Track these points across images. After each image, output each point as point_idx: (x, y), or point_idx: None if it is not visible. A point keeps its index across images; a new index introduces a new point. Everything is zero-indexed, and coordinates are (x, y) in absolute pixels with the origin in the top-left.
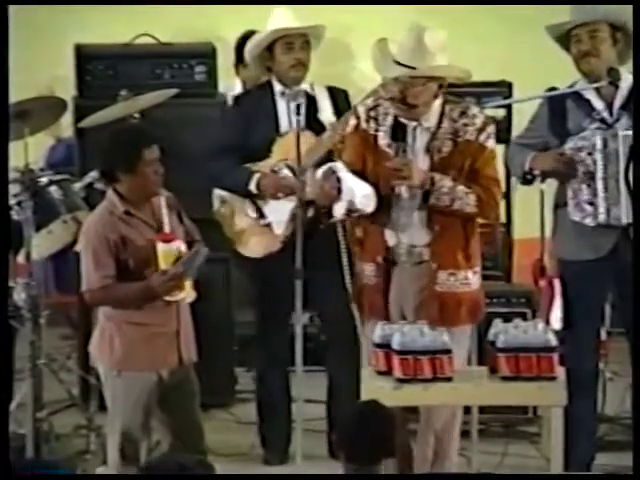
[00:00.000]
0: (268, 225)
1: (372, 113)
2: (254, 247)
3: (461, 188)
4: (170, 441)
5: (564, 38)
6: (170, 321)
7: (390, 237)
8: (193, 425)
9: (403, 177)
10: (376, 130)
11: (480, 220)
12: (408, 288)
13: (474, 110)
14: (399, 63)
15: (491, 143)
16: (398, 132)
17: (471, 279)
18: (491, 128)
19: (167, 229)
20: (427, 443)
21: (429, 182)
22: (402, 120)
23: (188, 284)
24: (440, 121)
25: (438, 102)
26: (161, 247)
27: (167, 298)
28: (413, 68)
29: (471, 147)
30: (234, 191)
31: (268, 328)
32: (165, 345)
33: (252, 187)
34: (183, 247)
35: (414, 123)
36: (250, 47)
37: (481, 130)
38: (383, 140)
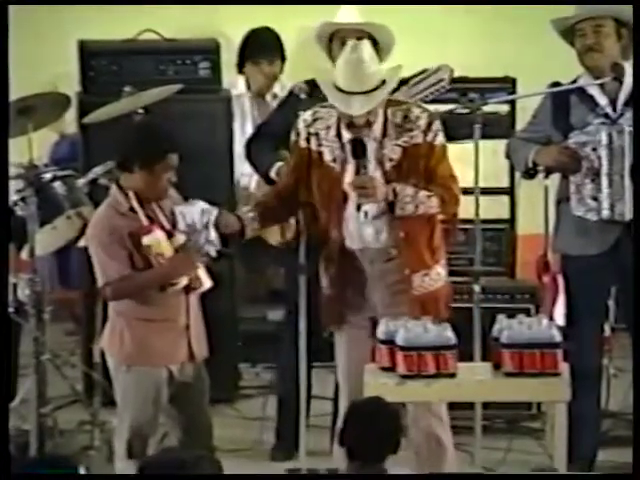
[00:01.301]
0: None
1: (312, 129)
2: (273, 234)
3: (423, 193)
4: (179, 437)
5: (569, 32)
6: (180, 316)
7: (351, 244)
8: (202, 421)
9: (367, 194)
10: (319, 145)
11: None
12: (376, 286)
13: (416, 111)
14: (347, 92)
15: (439, 139)
16: (356, 148)
17: (441, 273)
18: (436, 124)
19: (166, 225)
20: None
21: (392, 194)
22: (349, 134)
23: (202, 272)
24: (385, 129)
25: (380, 109)
26: (146, 239)
27: (176, 287)
28: (359, 93)
29: (420, 150)
30: (260, 175)
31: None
32: (175, 340)
33: (272, 174)
34: (161, 234)
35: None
36: (314, 37)
37: (427, 130)
38: (328, 156)
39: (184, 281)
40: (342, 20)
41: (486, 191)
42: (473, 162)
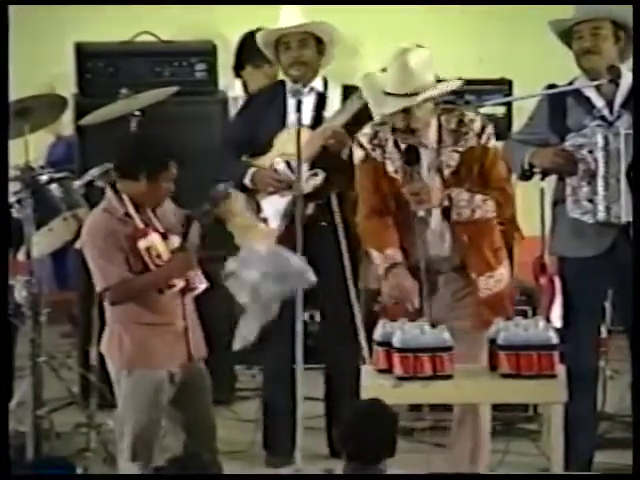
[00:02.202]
0: (265, 220)
1: (375, 141)
2: (251, 242)
3: (478, 197)
4: (183, 439)
5: (566, 34)
6: (177, 318)
7: (416, 254)
8: (205, 422)
9: (422, 201)
10: (383, 157)
11: None
12: (442, 294)
13: (470, 115)
14: (390, 93)
15: (492, 143)
16: (410, 156)
17: (504, 273)
18: (490, 128)
19: (160, 228)
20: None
21: (447, 199)
22: (405, 143)
23: (197, 273)
24: (440, 135)
25: (434, 117)
26: (142, 242)
27: (174, 289)
28: (406, 96)
29: (475, 153)
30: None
31: (273, 326)
32: (174, 342)
33: (247, 181)
34: (157, 236)
35: (417, 144)
36: (260, 46)
37: (481, 133)
38: (391, 167)
39: (181, 283)
40: (283, 23)
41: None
42: None
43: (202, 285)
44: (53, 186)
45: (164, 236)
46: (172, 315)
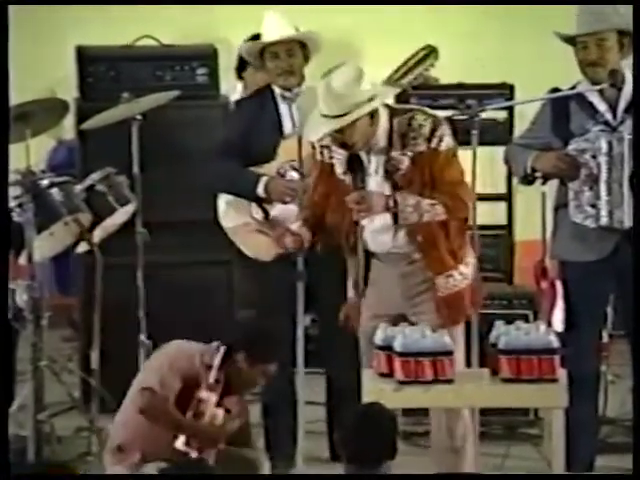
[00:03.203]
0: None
1: (324, 142)
2: (261, 250)
3: (426, 202)
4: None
5: (571, 41)
6: None
7: (373, 249)
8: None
9: (362, 209)
10: (331, 158)
11: None
12: (402, 287)
13: (419, 119)
14: (324, 115)
15: (444, 144)
16: (353, 162)
17: (466, 272)
18: (441, 129)
19: None
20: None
21: (392, 204)
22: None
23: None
24: (390, 139)
25: (384, 119)
26: (203, 394)
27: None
28: (336, 117)
29: (425, 157)
30: (241, 195)
31: (274, 330)
32: None
33: (260, 191)
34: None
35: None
36: (244, 55)
37: (430, 137)
38: (339, 169)
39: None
40: (271, 35)
41: (484, 197)
42: (470, 168)
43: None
44: (54, 190)
45: (219, 404)
46: None
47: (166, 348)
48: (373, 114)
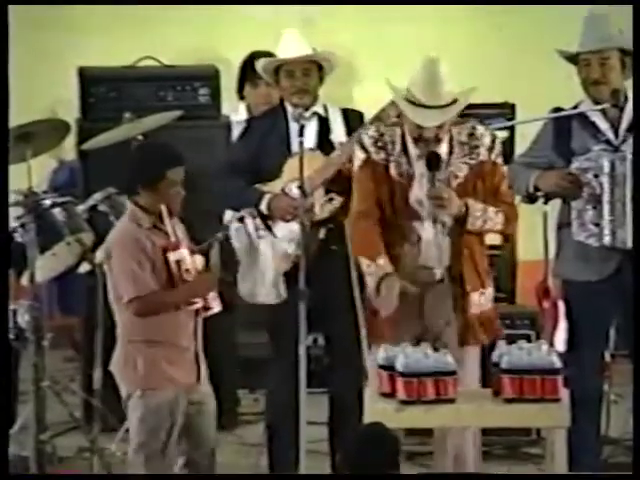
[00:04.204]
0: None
1: (379, 143)
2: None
3: (491, 209)
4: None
5: (573, 59)
6: (190, 338)
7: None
8: (208, 443)
9: (442, 206)
10: (386, 160)
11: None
12: (437, 304)
13: (480, 129)
14: (425, 105)
15: (501, 159)
16: (431, 162)
17: (492, 294)
18: (499, 145)
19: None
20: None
21: (464, 208)
22: (417, 149)
23: (215, 294)
24: (451, 146)
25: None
26: (173, 255)
27: (191, 307)
28: (434, 107)
29: (485, 167)
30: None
31: (279, 350)
32: (185, 362)
33: (263, 208)
34: (186, 251)
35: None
36: (259, 70)
37: (491, 148)
38: (394, 170)
39: (200, 302)
40: (288, 52)
41: None
42: None
43: (217, 307)
44: (56, 210)
45: (191, 252)
46: (185, 335)
47: (116, 249)
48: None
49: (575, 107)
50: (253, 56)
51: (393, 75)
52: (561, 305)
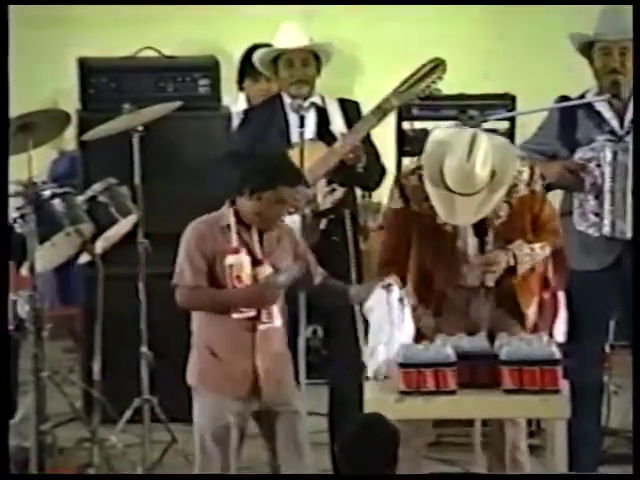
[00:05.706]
0: None
1: (422, 194)
2: None
3: (537, 246)
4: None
5: (588, 47)
6: (244, 348)
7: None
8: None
9: (492, 271)
10: (431, 208)
11: None
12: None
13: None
14: (452, 190)
15: (539, 184)
16: (478, 227)
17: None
18: (537, 172)
19: (259, 255)
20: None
21: (513, 259)
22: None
23: (275, 308)
24: None
25: None
26: (230, 259)
27: (240, 314)
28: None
29: (526, 202)
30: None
31: None
32: (238, 373)
33: None
34: (247, 258)
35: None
36: (256, 62)
37: (530, 182)
38: (441, 220)
39: (251, 312)
40: (286, 42)
41: None
42: None
43: (277, 322)
44: (56, 201)
45: (258, 262)
46: (239, 345)
47: (185, 234)
48: None
49: (582, 97)
50: (253, 49)
51: (393, 69)
52: (561, 296)
